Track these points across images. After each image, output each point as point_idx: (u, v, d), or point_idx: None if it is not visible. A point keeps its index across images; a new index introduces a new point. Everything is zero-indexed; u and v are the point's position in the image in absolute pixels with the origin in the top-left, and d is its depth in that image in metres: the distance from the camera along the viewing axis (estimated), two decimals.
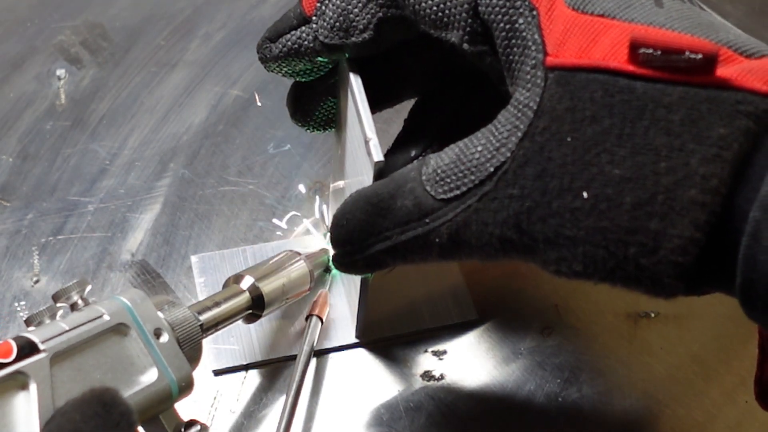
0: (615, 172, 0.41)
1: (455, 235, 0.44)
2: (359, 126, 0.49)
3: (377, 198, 0.46)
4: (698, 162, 0.40)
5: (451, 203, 0.44)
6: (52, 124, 0.67)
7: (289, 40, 0.51)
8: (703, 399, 0.56)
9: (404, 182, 0.46)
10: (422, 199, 0.45)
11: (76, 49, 0.72)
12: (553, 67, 0.42)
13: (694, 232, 0.39)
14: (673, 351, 0.58)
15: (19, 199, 0.63)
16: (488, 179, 0.43)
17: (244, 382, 0.56)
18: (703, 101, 0.40)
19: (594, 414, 0.55)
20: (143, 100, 0.69)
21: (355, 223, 0.47)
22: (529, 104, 0.42)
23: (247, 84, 0.70)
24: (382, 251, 0.46)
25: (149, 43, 0.72)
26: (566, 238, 0.41)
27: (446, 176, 0.44)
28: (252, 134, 0.67)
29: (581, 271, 0.42)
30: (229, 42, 0.73)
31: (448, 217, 0.44)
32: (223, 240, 0.62)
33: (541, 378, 0.56)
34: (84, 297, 0.48)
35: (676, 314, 0.59)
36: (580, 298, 0.59)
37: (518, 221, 0.42)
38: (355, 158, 0.52)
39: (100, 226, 0.62)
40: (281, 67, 0.53)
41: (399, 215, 0.46)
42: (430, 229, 0.45)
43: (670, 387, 0.56)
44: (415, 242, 0.45)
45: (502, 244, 0.43)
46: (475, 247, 0.44)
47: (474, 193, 0.43)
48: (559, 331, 0.58)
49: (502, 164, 0.43)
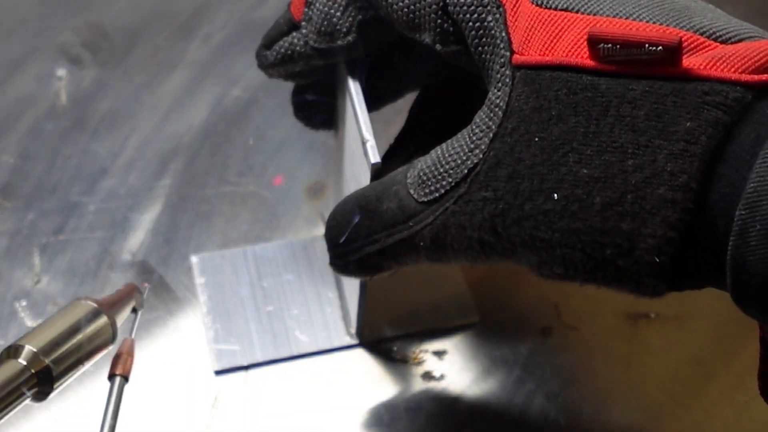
0: (583, 172, 0.40)
1: (437, 239, 0.44)
2: (356, 127, 0.49)
3: (365, 200, 0.46)
4: (665, 158, 0.39)
5: (431, 206, 0.44)
6: (52, 124, 0.67)
7: (282, 47, 0.51)
8: (703, 399, 0.56)
9: (391, 185, 0.46)
10: (405, 202, 0.45)
11: (77, 50, 0.72)
12: (519, 66, 0.42)
13: (668, 230, 0.39)
14: (673, 351, 0.58)
15: (19, 199, 0.63)
16: (462, 181, 0.43)
17: (244, 382, 0.56)
18: (668, 95, 0.39)
19: (594, 414, 0.55)
20: (144, 100, 0.69)
21: (344, 224, 0.47)
22: (500, 104, 0.42)
23: (247, 84, 0.70)
24: (372, 254, 0.46)
25: (150, 44, 0.72)
26: (542, 241, 0.41)
27: (427, 179, 0.44)
28: (252, 134, 0.67)
29: (563, 274, 0.41)
30: (230, 42, 0.73)
31: (429, 221, 0.44)
32: (223, 240, 0.62)
33: (541, 378, 0.56)
34: None
35: (676, 314, 0.59)
36: (580, 298, 0.59)
37: (494, 224, 0.42)
38: (353, 159, 0.52)
39: (101, 226, 0.62)
40: (279, 72, 0.52)
41: (385, 218, 0.45)
42: (414, 233, 0.44)
43: (670, 387, 0.56)
44: (401, 245, 0.45)
45: (482, 247, 0.43)
46: (458, 250, 0.43)
47: (451, 195, 0.43)
48: (559, 331, 0.58)
49: (475, 166, 0.42)
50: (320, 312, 0.58)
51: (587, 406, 0.55)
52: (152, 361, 0.56)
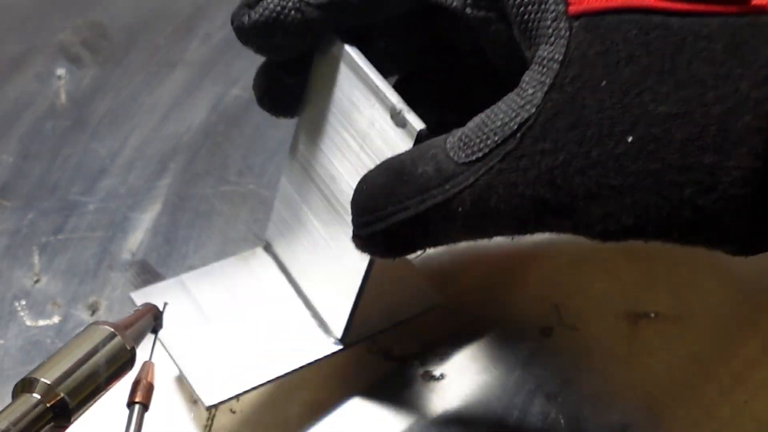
0: (660, 110, 0.39)
1: (479, 201, 0.42)
2: (374, 100, 0.47)
3: (399, 163, 0.44)
4: (748, 86, 0.38)
5: (473, 166, 0.42)
6: (52, 123, 0.67)
7: (271, 3, 0.47)
8: (703, 399, 0.56)
9: (428, 149, 0.44)
10: (444, 164, 0.43)
11: (77, 49, 0.72)
12: (577, 15, 0.41)
13: (754, 161, 0.38)
14: (673, 351, 0.58)
15: (19, 199, 0.63)
16: (511, 137, 0.41)
17: None
18: (743, 27, 0.39)
19: (594, 414, 0.55)
20: (144, 99, 0.69)
21: (375, 188, 0.45)
22: (554, 57, 0.41)
23: (247, 84, 0.69)
24: (402, 222, 0.44)
25: (150, 43, 0.72)
26: (611, 189, 0.39)
27: (469, 140, 0.42)
28: (252, 134, 0.67)
29: (632, 226, 0.40)
30: (230, 42, 0.72)
31: (469, 182, 0.42)
32: (223, 239, 0.62)
33: (541, 378, 0.56)
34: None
35: (676, 314, 0.59)
36: (580, 298, 0.59)
37: (552, 177, 0.40)
38: (357, 146, 0.49)
39: (101, 225, 0.62)
40: (258, 37, 0.48)
41: (419, 181, 0.43)
42: (450, 196, 0.42)
43: (669, 387, 0.56)
44: (436, 212, 0.43)
45: (534, 205, 0.41)
46: (503, 213, 0.42)
47: (496, 153, 0.41)
48: (559, 331, 0.58)
49: (526, 120, 0.41)
50: (289, 324, 0.54)
51: (587, 406, 0.55)
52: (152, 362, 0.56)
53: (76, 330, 0.56)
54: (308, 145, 0.53)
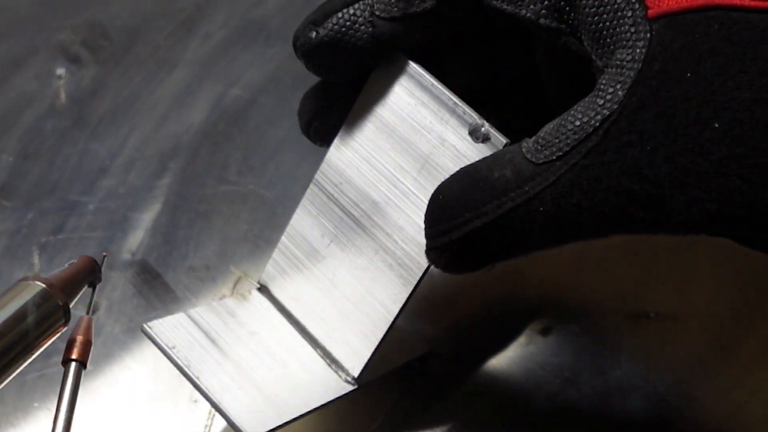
0: (744, 96, 0.40)
1: (561, 200, 0.42)
2: (448, 117, 0.47)
3: (475, 171, 0.44)
4: None
5: (553, 165, 0.42)
6: (52, 123, 0.67)
7: (341, 19, 0.47)
8: (702, 398, 0.56)
9: (503, 155, 0.44)
10: (522, 167, 0.43)
11: (77, 49, 0.72)
12: (657, 17, 0.42)
13: None
14: (673, 351, 0.58)
15: (19, 199, 0.63)
16: (593, 133, 0.42)
17: None
18: None
19: (594, 414, 0.55)
20: (143, 99, 0.69)
21: (450, 196, 0.44)
22: (635, 58, 0.42)
23: (247, 84, 0.70)
24: (479, 229, 0.44)
25: (149, 43, 0.72)
26: (697, 175, 0.41)
27: (547, 142, 0.43)
28: (252, 134, 0.67)
29: (716, 212, 0.41)
30: (230, 41, 0.73)
31: (550, 181, 0.42)
32: (223, 240, 0.62)
33: (541, 378, 0.56)
34: None
35: (675, 314, 0.59)
36: (580, 298, 0.59)
37: (638, 168, 0.41)
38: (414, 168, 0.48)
39: (101, 225, 0.62)
40: (325, 55, 0.47)
41: (497, 186, 0.43)
42: (530, 197, 0.43)
43: (669, 387, 0.56)
44: (514, 215, 0.43)
45: (619, 198, 0.42)
46: (586, 209, 0.42)
47: (578, 150, 0.42)
48: (559, 331, 0.58)
49: (608, 117, 0.42)
50: (305, 364, 0.53)
51: (587, 406, 0.55)
52: (152, 362, 0.56)
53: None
54: (342, 172, 0.52)
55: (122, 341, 0.57)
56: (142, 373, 0.56)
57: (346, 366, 0.52)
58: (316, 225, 0.53)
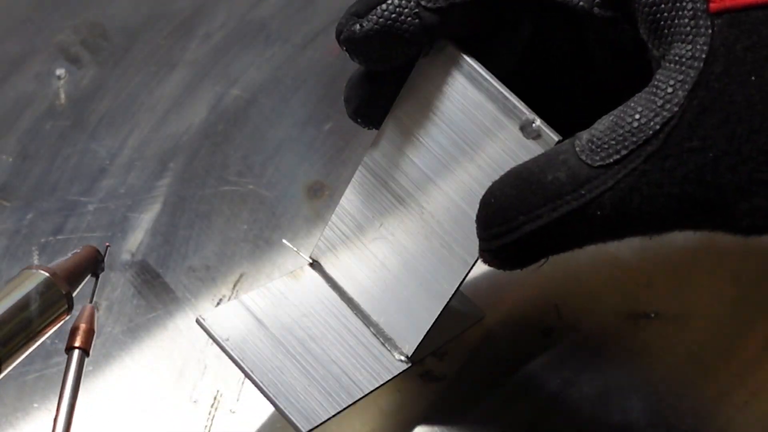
0: None
1: (620, 204, 0.42)
2: (497, 112, 0.46)
3: (527, 173, 0.43)
4: None
5: (611, 169, 0.42)
6: (52, 123, 0.67)
7: (386, 11, 0.45)
8: (702, 399, 0.56)
9: (556, 155, 0.43)
10: (577, 169, 0.42)
11: (76, 49, 0.72)
12: (719, 12, 0.41)
13: None
14: (673, 351, 0.58)
15: (18, 199, 0.63)
16: (654, 138, 0.41)
17: (244, 382, 0.56)
18: None
19: (594, 414, 0.55)
20: (143, 99, 0.69)
21: (503, 200, 0.44)
22: (695, 55, 0.41)
23: (247, 84, 0.70)
24: (533, 232, 0.43)
25: (149, 43, 0.72)
26: (761, 184, 0.40)
27: (603, 143, 0.42)
28: (252, 134, 0.67)
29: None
30: (230, 41, 0.73)
31: (608, 185, 0.42)
32: (223, 240, 0.62)
33: (542, 378, 0.56)
34: None
35: (676, 314, 0.59)
36: (580, 298, 0.59)
37: (701, 175, 0.40)
38: (465, 158, 0.48)
39: (100, 225, 0.62)
40: (370, 47, 0.46)
41: (551, 189, 0.43)
42: (586, 201, 0.42)
43: (669, 387, 0.56)
44: (570, 219, 0.42)
45: (680, 204, 0.41)
46: (647, 213, 0.41)
47: (637, 154, 0.41)
48: (559, 331, 0.58)
49: (668, 120, 0.41)
50: (353, 343, 0.53)
51: (587, 406, 0.55)
52: (152, 362, 0.56)
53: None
54: (393, 157, 0.52)
55: (122, 341, 0.57)
56: (142, 373, 0.56)
57: (399, 344, 0.53)
58: (366, 206, 0.53)
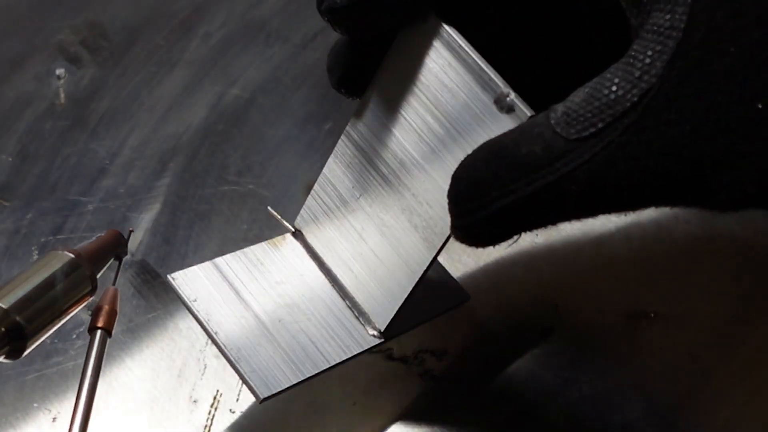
0: None
1: (596, 178, 0.41)
2: (473, 84, 0.46)
3: (501, 146, 0.42)
4: None
5: (587, 142, 0.41)
6: (51, 123, 0.67)
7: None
8: (703, 399, 0.56)
9: (530, 128, 0.42)
10: (552, 142, 0.41)
11: (76, 49, 0.72)
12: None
13: None
14: (673, 351, 0.58)
15: (18, 199, 0.63)
16: (631, 110, 0.40)
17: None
18: None
19: (594, 414, 0.55)
20: (143, 99, 0.69)
21: (476, 174, 0.43)
22: (674, 25, 0.40)
23: (247, 83, 0.70)
24: (506, 207, 0.42)
25: (149, 43, 0.72)
26: (738, 155, 0.39)
27: (579, 116, 0.41)
28: (252, 134, 0.67)
29: (755, 193, 0.39)
30: (229, 41, 0.73)
31: (584, 158, 0.41)
32: (222, 240, 0.62)
33: (541, 378, 0.56)
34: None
35: (676, 314, 0.59)
36: (580, 298, 0.59)
37: (679, 147, 0.39)
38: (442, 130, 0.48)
39: (100, 225, 0.62)
40: (352, 16, 0.45)
41: (525, 163, 0.41)
42: (562, 175, 0.41)
43: (669, 387, 0.56)
44: (546, 193, 0.41)
45: (657, 178, 0.40)
46: (623, 188, 0.40)
47: (614, 127, 0.40)
48: (559, 331, 0.58)
49: (646, 92, 0.40)
50: (326, 314, 0.53)
51: (587, 406, 0.55)
52: (152, 362, 0.56)
53: (76, 330, 0.56)
54: (373, 127, 0.51)
55: (122, 341, 0.57)
56: (141, 373, 0.56)
57: (373, 319, 0.53)
58: (346, 177, 0.53)
